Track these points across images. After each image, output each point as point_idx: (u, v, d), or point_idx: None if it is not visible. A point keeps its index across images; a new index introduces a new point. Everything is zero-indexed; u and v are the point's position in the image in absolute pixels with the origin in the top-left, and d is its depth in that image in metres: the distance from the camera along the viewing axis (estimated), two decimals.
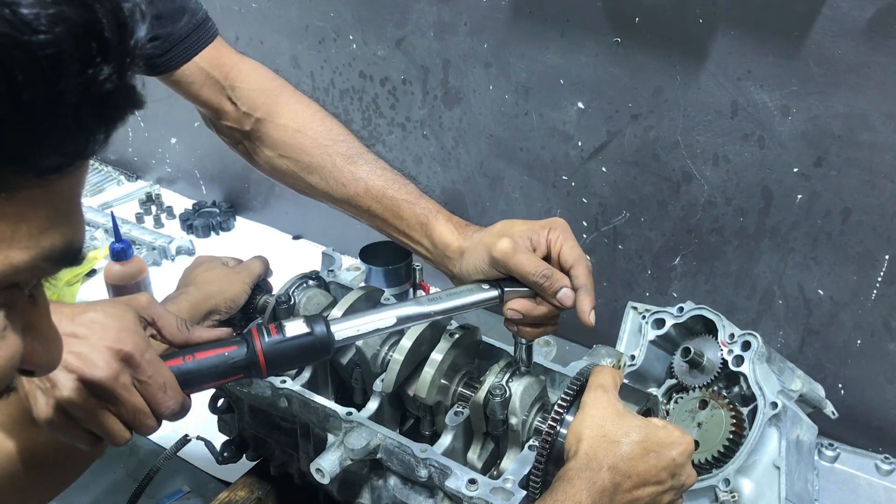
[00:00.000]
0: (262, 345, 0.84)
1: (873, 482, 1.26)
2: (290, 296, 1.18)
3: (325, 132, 1.15)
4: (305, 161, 1.14)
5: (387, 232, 1.14)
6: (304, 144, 1.15)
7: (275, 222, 2.14)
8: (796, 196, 1.33)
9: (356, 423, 1.02)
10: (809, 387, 1.27)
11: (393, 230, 1.12)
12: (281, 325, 0.86)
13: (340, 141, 1.15)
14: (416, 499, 1.02)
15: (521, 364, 1.04)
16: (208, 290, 1.15)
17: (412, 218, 1.09)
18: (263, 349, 0.84)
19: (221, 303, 1.15)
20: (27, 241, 0.46)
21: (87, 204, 2.20)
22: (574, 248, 0.98)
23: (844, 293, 1.35)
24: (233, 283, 1.18)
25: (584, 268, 0.98)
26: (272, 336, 0.85)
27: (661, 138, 1.42)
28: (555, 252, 0.99)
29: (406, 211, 1.10)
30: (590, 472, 0.86)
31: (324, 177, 1.13)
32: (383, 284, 1.64)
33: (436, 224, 1.08)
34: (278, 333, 0.85)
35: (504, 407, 0.99)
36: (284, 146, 1.15)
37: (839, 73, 1.21)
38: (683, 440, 0.91)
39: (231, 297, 1.16)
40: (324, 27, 1.73)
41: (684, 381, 1.28)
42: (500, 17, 1.49)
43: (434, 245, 1.08)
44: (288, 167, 1.16)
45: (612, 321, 1.57)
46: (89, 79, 0.42)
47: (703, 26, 1.29)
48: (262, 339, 0.85)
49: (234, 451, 1.23)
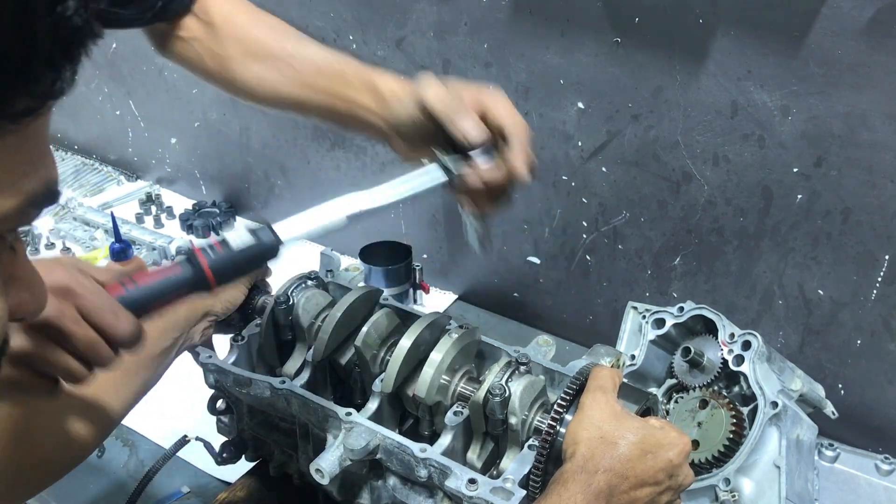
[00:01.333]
0: (207, 261, 0.81)
1: (873, 482, 1.26)
2: (288, 296, 1.18)
3: (276, 23, 1.11)
4: (254, 49, 1.09)
5: (332, 110, 1.07)
6: (259, 33, 1.09)
7: (274, 222, 2.13)
8: (796, 196, 1.33)
9: (356, 423, 1.01)
10: (809, 387, 1.27)
11: (340, 102, 1.05)
12: (225, 241, 0.83)
13: (289, 30, 1.11)
14: (415, 499, 1.02)
15: (483, 245, 1.03)
16: None
17: (357, 79, 1.04)
18: (210, 265, 0.80)
19: (218, 303, 1.15)
20: (10, 189, 0.46)
21: (87, 204, 2.20)
22: (510, 107, 0.95)
23: (844, 293, 1.35)
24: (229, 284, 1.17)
25: (521, 126, 0.95)
26: (217, 252, 0.81)
27: (661, 138, 1.42)
28: (490, 108, 0.95)
29: (351, 74, 1.05)
30: (586, 474, 0.86)
31: (276, 66, 1.08)
32: (383, 284, 1.65)
33: (381, 78, 1.03)
34: (223, 248, 0.82)
35: (504, 406, 0.99)
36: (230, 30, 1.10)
37: (839, 72, 1.21)
38: (680, 441, 0.91)
39: (228, 298, 1.16)
40: (324, 27, 1.73)
41: (684, 380, 1.28)
42: (500, 17, 1.49)
43: (381, 97, 1.01)
44: (230, 54, 1.09)
45: (612, 321, 1.57)
46: (58, 17, 0.43)
47: (703, 26, 1.29)
48: (207, 257, 0.81)
49: (233, 452, 1.23)
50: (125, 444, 1.42)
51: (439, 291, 1.87)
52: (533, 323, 1.76)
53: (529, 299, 1.75)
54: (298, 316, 1.17)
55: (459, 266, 1.83)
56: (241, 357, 1.17)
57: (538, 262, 1.70)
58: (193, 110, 2.11)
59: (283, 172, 2.03)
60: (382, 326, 1.13)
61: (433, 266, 1.87)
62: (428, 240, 1.84)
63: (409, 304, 1.70)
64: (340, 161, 1.89)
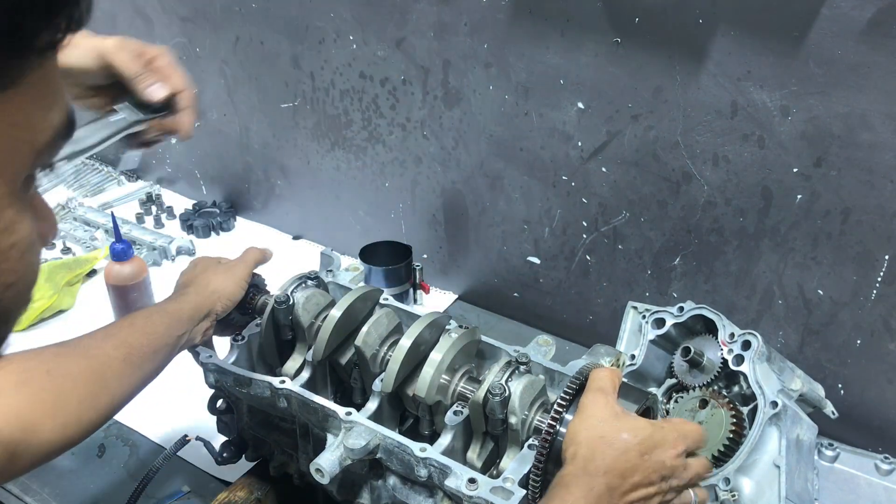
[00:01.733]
0: None
1: (873, 482, 1.26)
2: (288, 296, 1.18)
3: None
4: None
5: None
6: None
7: (275, 222, 2.14)
8: (796, 196, 1.33)
9: (355, 423, 1.02)
10: (809, 386, 1.27)
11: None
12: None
13: None
14: (415, 498, 1.02)
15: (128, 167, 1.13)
16: (207, 290, 1.16)
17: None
18: None
19: (218, 301, 1.16)
20: (42, 124, 0.49)
21: (87, 204, 2.20)
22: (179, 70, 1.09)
23: (844, 293, 1.35)
24: (228, 282, 1.19)
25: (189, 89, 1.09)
26: None
27: (661, 138, 1.42)
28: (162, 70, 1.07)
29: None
30: (587, 477, 0.86)
31: None
32: (383, 284, 1.65)
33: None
34: None
35: (503, 406, 0.99)
36: None
37: (839, 73, 1.21)
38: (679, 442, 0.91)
39: (227, 295, 1.18)
40: (324, 27, 1.73)
41: (684, 380, 1.28)
42: (500, 17, 1.49)
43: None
44: None
45: (612, 321, 1.57)
46: None
47: (703, 26, 1.29)
48: None
49: (234, 452, 1.23)
50: (125, 444, 1.42)
51: (439, 291, 1.87)
52: (533, 323, 1.76)
53: (529, 299, 1.75)
54: (298, 316, 1.17)
55: (459, 266, 1.83)
56: (241, 357, 1.17)
57: (538, 262, 1.70)
58: None
59: (283, 172, 2.03)
60: (382, 326, 1.14)
61: (433, 266, 1.87)
62: (428, 240, 1.84)
63: (409, 303, 1.70)
64: (340, 161, 1.89)
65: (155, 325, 1.07)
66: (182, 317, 1.11)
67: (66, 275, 1.79)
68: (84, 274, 1.85)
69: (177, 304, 1.12)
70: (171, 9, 1.98)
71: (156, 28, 2.03)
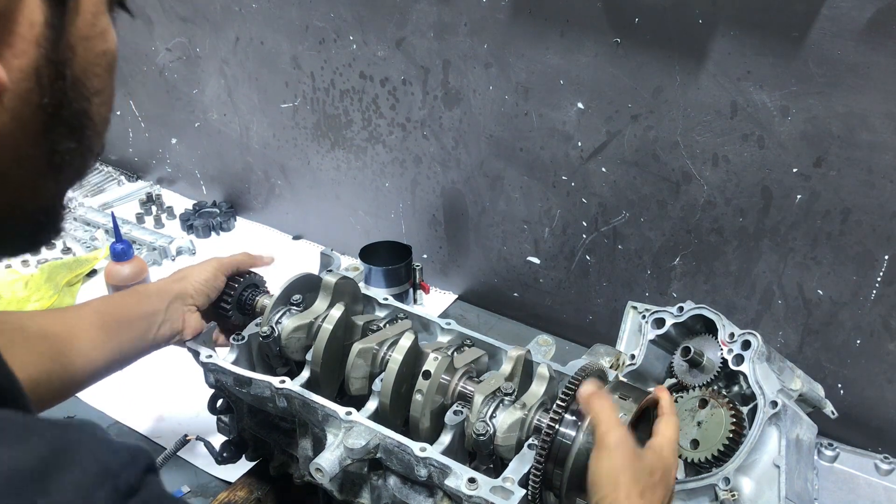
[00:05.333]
0: None
1: (873, 482, 1.26)
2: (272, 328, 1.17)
3: None
4: None
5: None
6: None
7: (275, 222, 2.14)
8: (796, 196, 1.33)
9: (355, 422, 1.02)
10: (809, 386, 1.27)
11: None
12: None
13: None
14: (415, 498, 1.02)
15: None
16: (177, 276, 1.22)
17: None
18: None
19: (189, 284, 1.20)
20: None
21: (87, 204, 2.20)
22: None
23: (844, 293, 1.36)
24: (200, 269, 1.23)
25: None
26: None
27: (660, 138, 1.42)
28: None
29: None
30: None
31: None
32: (383, 284, 1.65)
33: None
34: None
35: (489, 443, 1.00)
36: None
37: (838, 73, 1.21)
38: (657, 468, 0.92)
39: (200, 280, 1.21)
40: (324, 27, 1.73)
41: (684, 380, 1.28)
42: (500, 18, 1.49)
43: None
44: None
45: (611, 321, 1.57)
46: None
47: (702, 26, 1.29)
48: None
49: (234, 452, 1.23)
50: None
51: (439, 291, 1.87)
52: (533, 323, 1.76)
53: (529, 299, 1.75)
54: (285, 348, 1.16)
55: (459, 266, 1.83)
56: (241, 357, 1.17)
57: (538, 262, 1.70)
58: (193, 110, 2.11)
59: (283, 172, 2.03)
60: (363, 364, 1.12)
61: (433, 266, 1.87)
62: (428, 240, 1.84)
63: (409, 303, 1.70)
64: (340, 161, 1.89)
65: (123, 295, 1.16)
66: (150, 292, 1.17)
67: (66, 275, 1.79)
68: (84, 274, 1.85)
69: (144, 285, 1.21)
70: (171, 9, 1.98)
71: (156, 28, 2.04)
